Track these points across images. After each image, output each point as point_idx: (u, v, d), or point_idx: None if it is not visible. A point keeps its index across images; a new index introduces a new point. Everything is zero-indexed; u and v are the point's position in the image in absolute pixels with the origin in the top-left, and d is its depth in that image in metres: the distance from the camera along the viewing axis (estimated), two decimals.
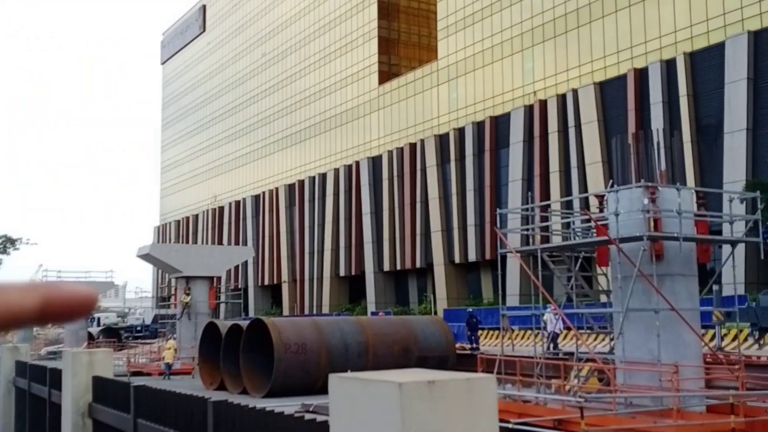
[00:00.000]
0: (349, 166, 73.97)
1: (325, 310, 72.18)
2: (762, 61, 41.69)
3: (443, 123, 65.03)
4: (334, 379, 2.50)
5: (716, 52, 43.96)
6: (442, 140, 62.97)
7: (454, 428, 2.25)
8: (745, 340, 27.08)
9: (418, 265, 64.32)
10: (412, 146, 65.99)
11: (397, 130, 70.66)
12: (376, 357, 24.96)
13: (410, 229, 64.80)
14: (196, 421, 5.73)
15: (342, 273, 73.43)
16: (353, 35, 78.19)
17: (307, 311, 75.32)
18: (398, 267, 66.54)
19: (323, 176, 77.63)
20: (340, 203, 74.04)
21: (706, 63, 44.55)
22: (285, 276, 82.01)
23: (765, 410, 15.03)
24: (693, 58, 45.40)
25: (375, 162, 70.40)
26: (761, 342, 26.80)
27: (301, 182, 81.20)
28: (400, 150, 67.37)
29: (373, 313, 61.54)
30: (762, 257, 22.87)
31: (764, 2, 42.86)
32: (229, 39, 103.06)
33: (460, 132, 61.33)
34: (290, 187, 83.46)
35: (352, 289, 74.37)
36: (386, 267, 67.56)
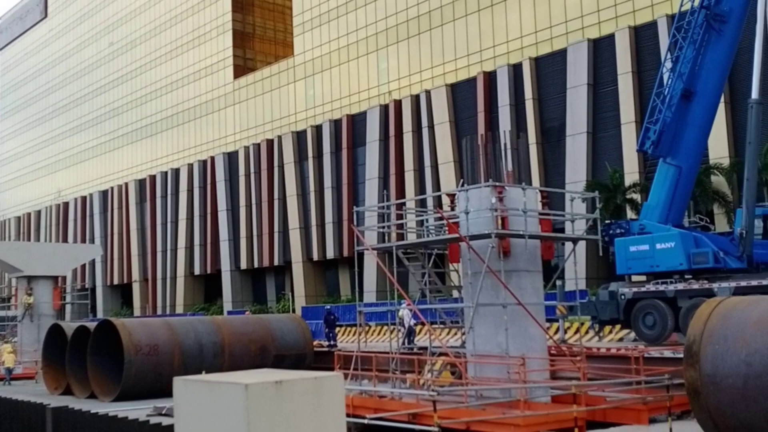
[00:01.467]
0: (204, 162, 72.30)
1: (179, 310, 70.22)
2: (600, 68, 44.29)
3: (300, 120, 64.81)
4: (179, 383, 2.45)
5: (559, 58, 46.29)
6: (299, 137, 62.78)
7: (302, 427, 2.26)
8: (587, 332, 28.68)
9: (276, 262, 63.82)
10: (269, 142, 65.38)
11: (254, 126, 69.74)
12: (232, 357, 24.59)
13: (268, 227, 64.19)
14: (33, 429, 5.40)
15: (197, 271, 71.69)
16: (206, 27, 76.45)
17: (159, 311, 72.98)
18: (255, 265, 65.74)
19: (176, 171, 75.44)
20: (195, 200, 72.23)
21: (550, 68, 46.82)
22: (136, 275, 79.10)
23: (604, 399, 15.98)
24: (538, 63, 47.58)
25: (231, 158, 69.18)
26: (601, 334, 28.46)
27: (153, 177, 78.54)
28: (257, 146, 66.58)
29: (230, 312, 60.51)
30: (601, 254, 24.34)
31: (602, 12, 45.55)
32: (73, 26, 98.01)
33: (318, 129, 61.39)
34: (141, 183, 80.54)
35: (207, 288, 72.75)
36: (243, 265, 66.58)
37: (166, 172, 76.83)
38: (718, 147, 37.16)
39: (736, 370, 11.54)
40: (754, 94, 24.96)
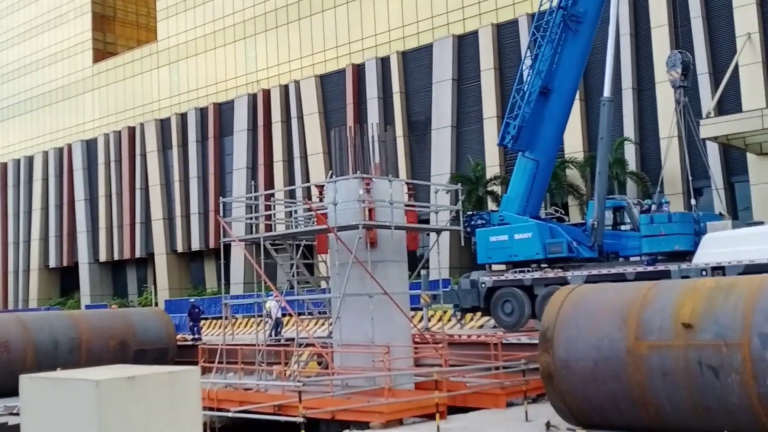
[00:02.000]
0: (60, 149, 68.75)
1: (33, 304, 66.63)
2: (464, 64, 45.47)
3: (164, 107, 62.86)
4: (25, 381, 2.33)
5: (425, 53, 47.16)
6: (163, 125, 60.88)
7: (156, 422, 2.23)
8: (449, 320, 29.48)
9: (137, 254, 61.69)
10: (131, 130, 63.00)
11: (114, 113, 67.02)
12: (90, 353, 23.71)
13: (129, 217, 61.92)
14: None
15: (52, 264, 68.22)
16: (64, 8, 72.69)
17: (11, 306, 68.96)
18: (116, 257, 63.30)
19: (30, 159, 71.35)
20: (50, 189, 68.62)
21: (417, 62, 47.63)
22: None
23: (465, 385, 16.53)
24: (405, 57, 48.29)
25: (90, 145, 66.14)
26: (462, 322, 29.33)
27: (4, 165, 73.95)
28: (118, 133, 64.01)
29: (89, 307, 58.11)
30: (463, 244, 25.11)
31: (467, 9, 46.78)
32: None
33: (183, 117, 59.75)
34: None
35: (63, 282, 69.40)
36: (102, 257, 63.95)
37: (18, 160, 72.54)
38: (573, 142, 39.04)
39: (587, 355, 12.22)
40: (606, 92, 26.43)
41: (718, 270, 21.22)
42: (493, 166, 41.81)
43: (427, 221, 28.98)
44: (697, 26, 36.70)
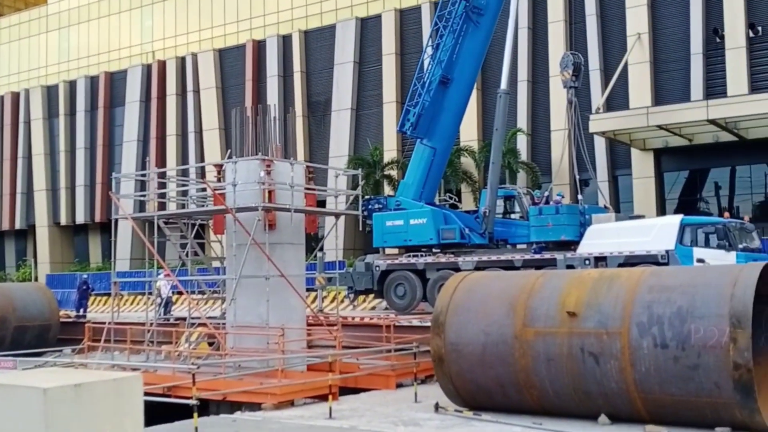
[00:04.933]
0: None
1: None
2: (366, 47, 45.56)
3: (52, 74, 60.08)
4: None
5: (328, 34, 46.95)
6: (50, 92, 58.23)
7: (101, 428, 2.24)
8: (343, 302, 29.74)
9: (17, 226, 58.95)
10: (15, 96, 59.91)
11: None
12: None
13: (9, 187, 58.99)
14: None
15: None
16: None
17: None
18: None
19: None
20: None
21: (319, 43, 47.36)
22: None
23: (358, 366, 16.79)
24: (307, 36, 47.94)
25: None
26: (355, 303, 29.69)
27: None
28: (0, 99, 60.80)
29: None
30: (360, 228, 25.36)
31: None
32: None
33: (71, 85, 57.32)
34: None
35: None
36: None
37: None
38: (469, 131, 39.84)
39: (476, 339, 12.68)
40: (504, 84, 27.18)
41: (601, 260, 22.32)
42: (390, 150, 42.20)
43: (324, 204, 29.09)
44: (591, 24, 38.10)
